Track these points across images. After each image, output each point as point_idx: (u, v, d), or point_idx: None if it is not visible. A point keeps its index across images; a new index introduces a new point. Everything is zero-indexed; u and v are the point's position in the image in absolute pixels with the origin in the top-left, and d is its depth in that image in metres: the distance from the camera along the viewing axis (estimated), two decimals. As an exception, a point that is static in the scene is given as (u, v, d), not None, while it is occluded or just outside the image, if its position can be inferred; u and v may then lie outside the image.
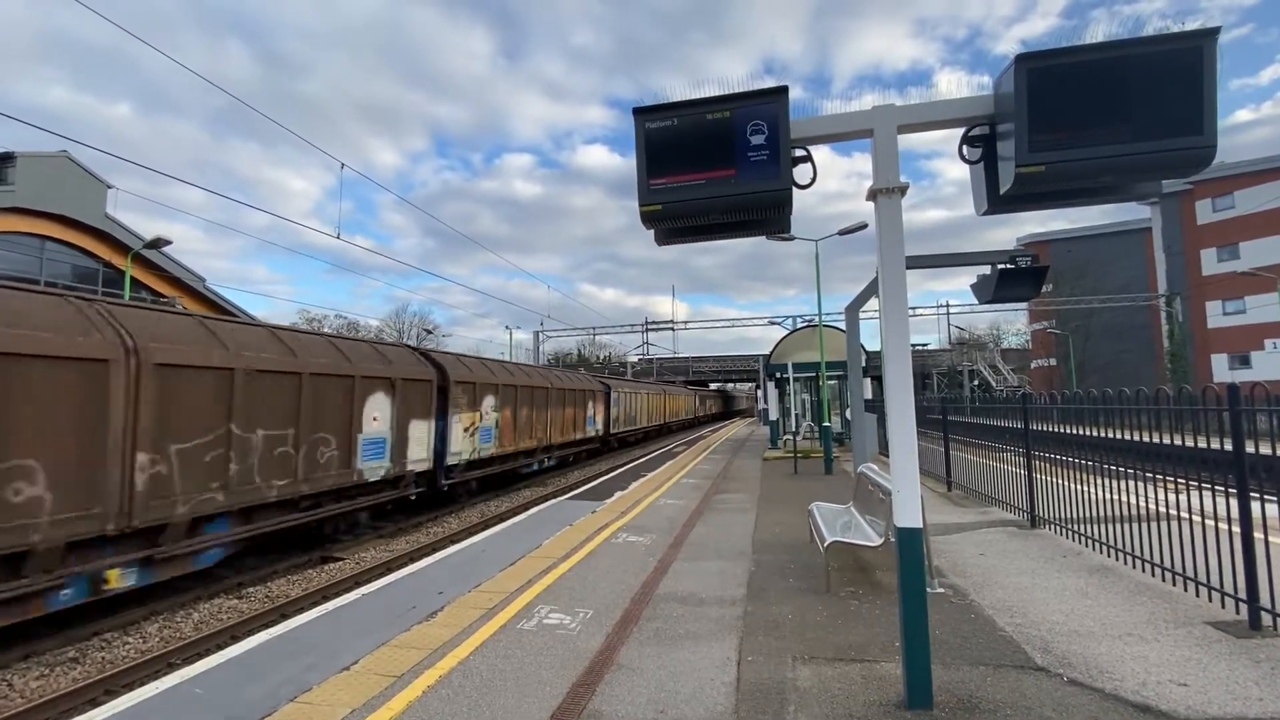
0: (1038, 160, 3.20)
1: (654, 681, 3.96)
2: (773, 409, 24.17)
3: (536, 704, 3.71)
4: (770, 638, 4.63)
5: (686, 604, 5.46)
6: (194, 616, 7.47)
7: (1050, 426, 7.43)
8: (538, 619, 5.15)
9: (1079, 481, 6.65)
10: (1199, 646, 4.20)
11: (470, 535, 9.58)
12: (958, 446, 10.68)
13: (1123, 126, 3.12)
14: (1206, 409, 4.75)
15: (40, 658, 6.22)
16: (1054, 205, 3.92)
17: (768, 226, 4.08)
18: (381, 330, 58.22)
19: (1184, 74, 3.06)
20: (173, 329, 7.61)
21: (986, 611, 5.02)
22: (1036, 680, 3.83)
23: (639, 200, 3.66)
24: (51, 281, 21.35)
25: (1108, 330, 43.24)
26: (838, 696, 3.70)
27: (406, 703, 3.77)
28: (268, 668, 4.49)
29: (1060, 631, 4.55)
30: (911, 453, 3.55)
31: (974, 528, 7.90)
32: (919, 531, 3.56)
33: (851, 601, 5.39)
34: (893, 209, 3.62)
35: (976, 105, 3.55)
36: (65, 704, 5.24)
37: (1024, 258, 7.30)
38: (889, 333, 3.61)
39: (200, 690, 4.19)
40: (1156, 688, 3.67)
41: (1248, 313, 35.66)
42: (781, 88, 3.55)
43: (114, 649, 6.53)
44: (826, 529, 6.20)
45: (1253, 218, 34.82)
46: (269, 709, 3.78)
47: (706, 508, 10.40)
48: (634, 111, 3.69)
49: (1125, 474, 5.70)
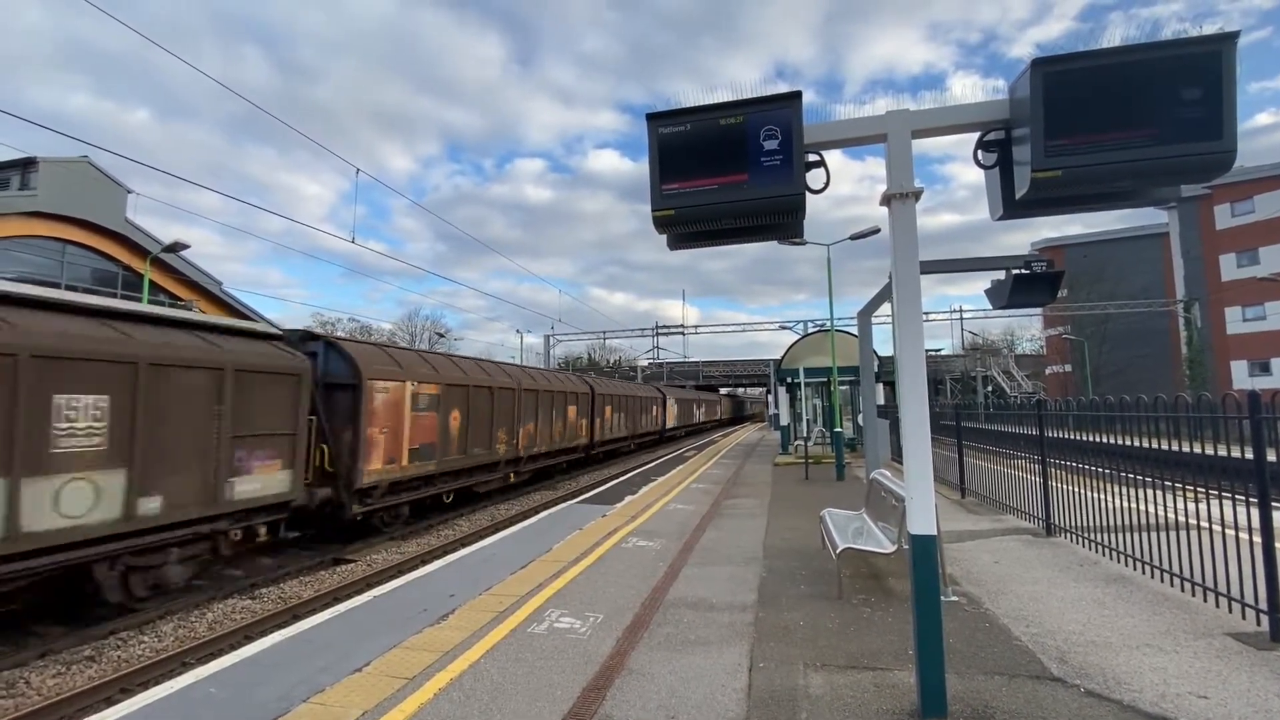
0: (1054, 165, 3.17)
1: (665, 687, 3.95)
2: (784, 414, 24.07)
3: (547, 708, 3.71)
4: (782, 644, 4.60)
5: (697, 609, 5.44)
6: (208, 616, 7.54)
7: (1066, 433, 7.34)
8: (548, 623, 5.15)
9: (1096, 489, 6.57)
10: (1219, 658, 4.12)
11: (480, 538, 9.61)
12: (972, 453, 10.58)
13: (1140, 131, 3.09)
14: (1227, 416, 4.68)
15: (57, 656, 6.30)
16: (1070, 210, 3.88)
17: (780, 231, 4.07)
18: (394, 334, 58.68)
19: (1203, 78, 3.03)
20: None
21: (1001, 620, 4.96)
22: (1053, 691, 3.78)
23: (651, 205, 3.66)
24: (72, 285, 21.70)
25: (1124, 336, 42.69)
26: (850, 705, 3.67)
27: (418, 705, 3.78)
28: (281, 668, 4.52)
29: (1077, 641, 4.48)
30: (926, 458, 3.52)
31: (988, 535, 7.81)
32: (933, 538, 3.53)
33: (864, 609, 5.35)
34: (906, 213, 3.61)
35: (992, 109, 3.54)
36: (81, 702, 5.31)
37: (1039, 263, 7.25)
38: (902, 338, 3.59)
39: (215, 690, 4.22)
40: (1176, 700, 3.61)
41: (1268, 319, 35.12)
42: (795, 93, 3.54)
43: (130, 648, 6.61)
44: (839, 535, 6.16)
45: (1273, 222, 34.31)
46: (283, 709, 3.81)
47: (717, 513, 10.36)
48: (647, 117, 3.70)
49: (1143, 482, 5.62)
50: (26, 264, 21.31)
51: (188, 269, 26.13)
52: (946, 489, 10.99)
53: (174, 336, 7.79)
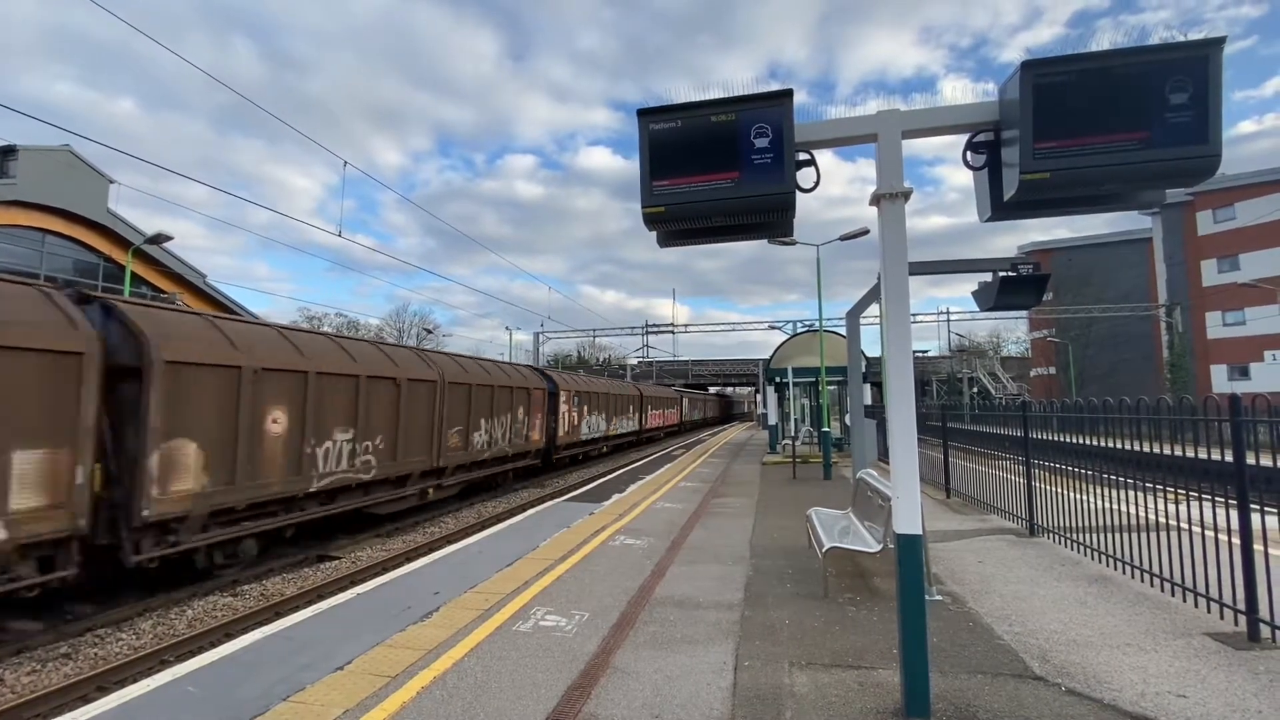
0: (1042, 167, 3.19)
1: (650, 685, 3.94)
2: (772, 414, 24.16)
3: (531, 706, 3.68)
4: (767, 643, 4.61)
5: (684, 608, 5.43)
6: (188, 613, 7.44)
7: (1050, 435, 7.41)
8: (534, 621, 5.12)
9: (1078, 490, 6.64)
10: (1198, 658, 4.18)
11: (467, 536, 9.55)
12: (957, 454, 10.66)
13: (1128, 134, 3.11)
14: (1208, 419, 4.74)
15: (33, 653, 6.19)
16: (1057, 212, 3.92)
17: (771, 230, 4.07)
18: (382, 330, 58.26)
19: (1190, 82, 3.05)
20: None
21: (985, 619, 5.00)
22: (1034, 689, 3.81)
23: (642, 202, 3.64)
24: (51, 276, 21.33)
25: (1108, 339, 43.28)
26: (835, 703, 3.67)
27: (400, 703, 3.74)
28: (262, 666, 4.46)
29: (1058, 640, 4.52)
30: (912, 458, 3.53)
31: (973, 535, 7.87)
32: (919, 538, 3.54)
33: (849, 608, 5.37)
34: (896, 214, 3.61)
35: (981, 111, 3.55)
36: (57, 700, 5.22)
37: (1026, 265, 7.32)
38: (890, 338, 3.60)
39: (193, 688, 4.16)
40: (1155, 699, 3.65)
41: (1247, 324, 35.71)
42: (786, 91, 3.54)
43: (107, 645, 6.50)
44: (825, 534, 6.17)
45: (1253, 229, 34.87)
46: (262, 708, 3.75)
47: (705, 512, 10.37)
48: (638, 113, 3.68)
49: (1125, 483, 5.68)
50: (5, 254, 20.89)
51: (171, 261, 25.76)
52: (932, 489, 11.06)
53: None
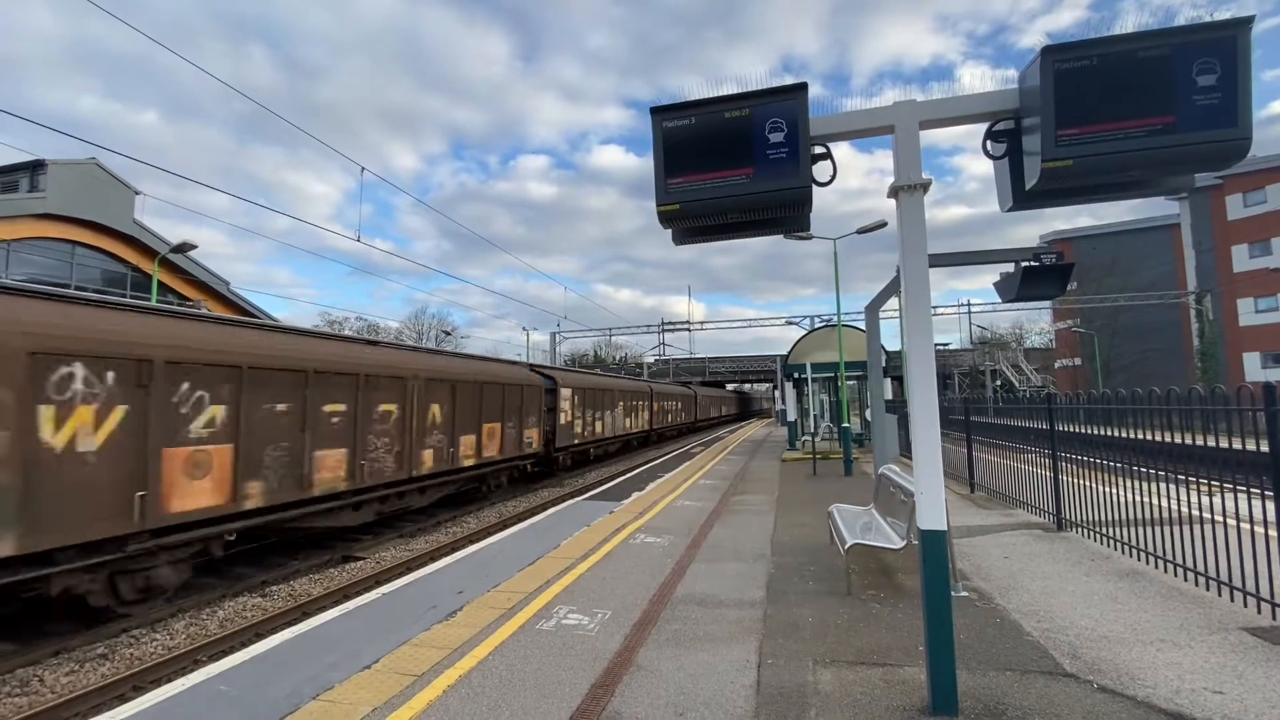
0: (1065, 155, 3.12)
1: (673, 683, 3.94)
2: (790, 410, 24.00)
3: (556, 704, 3.70)
4: (790, 640, 4.58)
5: (705, 606, 5.42)
6: (219, 614, 7.60)
7: (1076, 427, 7.27)
8: (556, 619, 5.15)
9: (1107, 484, 6.51)
10: (1234, 653, 4.07)
11: (488, 535, 9.63)
12: (981, 448, 10.51)
13: (1153, 119, 3.03)
14: (1241, 409, 4.62)
15: (71, 654, 6.36)
16: (1081, 201, 3.82)
17: (787, 225, 4.04)
18: (401, 332, 58.86)
19: (1217, 64, 2.97)
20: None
21: (1012, 616, 4.92)
22: (1065, 687, 3.75)
23: (657, 200, 3.64)
24: (81, 285, 21.86)
25: (1134, 329, 42.24)
26: (860, 701, 3.65)
27: (427, 702, 3.78)
28: (291, 665, 4.54)
29: (1089, 637, 4.44)
30: (935, 453, 3.49)
31: (998, 530, 7.76)
32: (943, 534, 3.50)
33: (873, 604, 5.32)
34: (915, 206, 3.57)
35: (1001, 99, 3.49)
36: (95, 699, 5.35)
37: (1048, 255, 7.16)
38: (911, 332, 3.55)
39: (225, 687, 4.25)
40: (1191, 695, 3.57)
41: (1281, 310, 34.72)
42: (800, 85, 3.50)
43: (142, 645, 6.66)
44: (847, 531, 6.12)
45: (1286, 213, 33.88)
46: (293, 706, 3.82)
47: (724, 509, 10.34)
48: (652, 111, 3.67)
49: (1156, 476, 5.56)
50: (36, 265, 21.50)
51: (196, 269, 26.29)
52: (955, 484, 10.92)
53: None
